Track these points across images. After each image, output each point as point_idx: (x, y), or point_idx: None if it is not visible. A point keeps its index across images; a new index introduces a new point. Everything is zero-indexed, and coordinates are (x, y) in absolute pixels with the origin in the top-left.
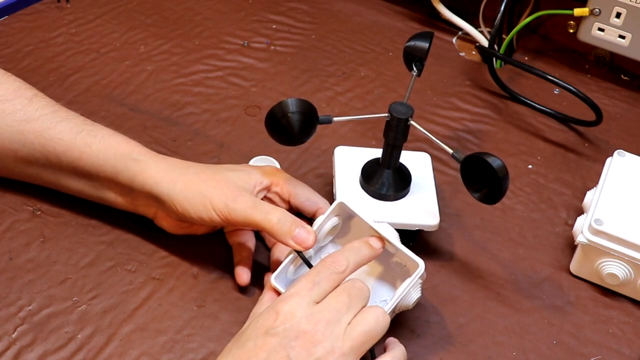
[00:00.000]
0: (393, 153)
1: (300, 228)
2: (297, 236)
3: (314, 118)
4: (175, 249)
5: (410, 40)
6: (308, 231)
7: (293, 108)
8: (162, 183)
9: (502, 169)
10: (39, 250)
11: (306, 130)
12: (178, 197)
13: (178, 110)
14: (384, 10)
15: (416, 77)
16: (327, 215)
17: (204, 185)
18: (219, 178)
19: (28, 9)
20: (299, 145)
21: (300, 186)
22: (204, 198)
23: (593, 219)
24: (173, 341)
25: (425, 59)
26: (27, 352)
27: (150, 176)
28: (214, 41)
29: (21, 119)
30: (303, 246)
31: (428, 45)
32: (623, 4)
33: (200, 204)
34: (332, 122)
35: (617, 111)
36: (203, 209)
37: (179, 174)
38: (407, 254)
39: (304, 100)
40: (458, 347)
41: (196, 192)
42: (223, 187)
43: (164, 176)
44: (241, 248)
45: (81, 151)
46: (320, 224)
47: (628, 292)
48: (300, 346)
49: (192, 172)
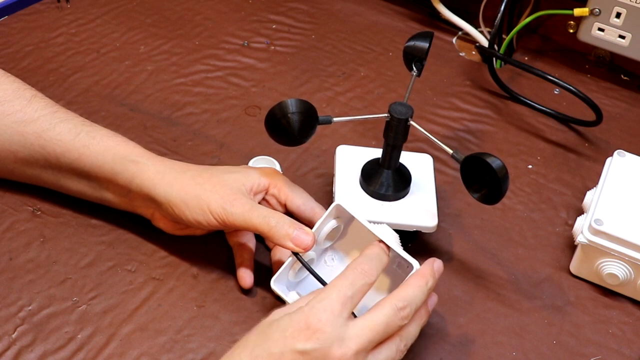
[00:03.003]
0: (393, 153)
1: (299, 230)
2: (296, 238)
3: (314, 118)
4: (175, 249)
5: (410, 40)
6: (307, 233)
7: (293, 108)
8: (160, 186)
9: (502, 169)
10: (39, 250)
11: (306, 130)
12: (175, 200)
13: (178, 110)
14: (384, 10)
15: (416, 77)
16: (325, 218)
17: (201, 188)
18: (216, 181)
19: (28, 9)
20: (299, 145)
21: (298, 190)
22: (201, 202)
23: (593, 219)
24: (173, 341)
25: (425, 59)
26: (27, 352)
27: (148, 178)
28: (214, 41)
29: (20, 120)
30: (302, 247)
31: (428, 46)
32: (623, 4)
33: (198, 207)
34: (332, 122)
35: (617, 111)
36: (200, 213)
37: (176, 177)
38: (402, 255)
39: (304, 100)
40: (458, 347)
41: (193, 196)
42: (220, 191)
43: (161, 179)
44: (242, 249)
45: (80, 152)
46: (319, 226)
47: (628, 292)
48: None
49: (189, 175)
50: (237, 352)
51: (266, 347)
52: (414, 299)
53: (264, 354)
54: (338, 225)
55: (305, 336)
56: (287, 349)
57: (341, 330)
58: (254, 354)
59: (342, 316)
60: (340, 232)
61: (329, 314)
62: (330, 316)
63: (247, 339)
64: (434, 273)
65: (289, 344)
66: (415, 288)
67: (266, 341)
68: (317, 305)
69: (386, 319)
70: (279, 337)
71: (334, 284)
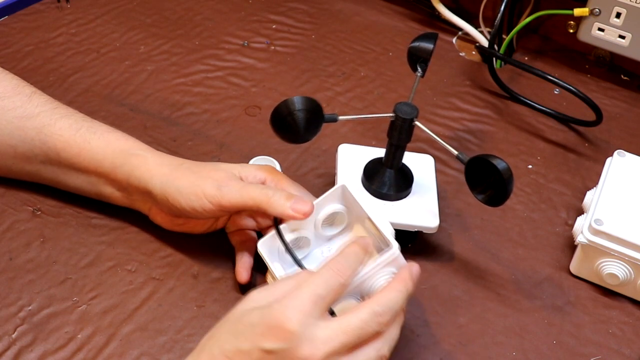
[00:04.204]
0: (396, 153)
1: (297, 198)
2: (296, 204)
3: (320, 116)
4: (175, 249)
5: (414, 41)
6: (305, 201)
7: (299, 106)
8: (156, 177)
9: (507, 171)
10: (39, 250)
11: (311, 128)
12: (170, 189)
13: (178, 110)
14: (384, 10)
15: (420, 77)
16: (327, 196)
17: (196, 175)
18: (211, 168)
19: (28, 9)
20: (304, 143)
21: (295, 186)
22: (196, 187)
23: (593, 219)
24: (173, 341)
25: (429, 60)
26: (27, 352)
27: (146, 170)
28: (214, 41)
29: (21, 115)
30: (302, 213)
31: (432, 47)
32: (623, 4)
33: (193, 193)
34: (338, 120)
35: (617, 111)
36: (195, 199)
37: (172, 169)
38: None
39: (310, 98)
40: (458, 347)
41: (187, 183)
42: (215, 175)
43: (158, 171)
44: (243, 248)
45: (80, 147)
46: (320, 202)
47: (628, 292)
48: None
49: (185, 167)
50: (209, 344)
51: (236, 344)
52: (394, 304)
53: (233, 350)
54: (341, 214)
55: (273, 335)
56: (255, 346)
57: (311, 330)
58: (224, 349)
59: (312, 316)
60: (344, 224)
61: (299, 314)
62: (301, 315)
63: (219, 331)
64: (412, 277)
65: (257, 341)
66: (397, 292)
67: (237, 337)
68: (288, 303)
69: (362, 323)
70: (249, 334)
71: (308, 281)
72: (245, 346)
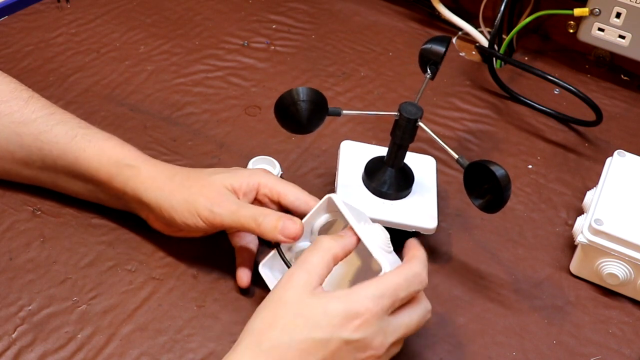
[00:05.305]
0: (398, 152)
1: (286, 220)
2: (284, 229)
3: (324, 108)
4: (175, 249)
5: (427, 43)
6: (294, 221)
7: (303, 96)
8: (150, 190)
9: (505, 179)
10: (39, 250)
11: (315, 119)
12: (164, 204)
13: (178, 110)
14: (384, 10)
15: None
16: (316, 210)
17: (188, 192)
18: (203, 183)
19: (28, 9)
20: (306, 134)
21: (289, 186)
22: (189, 205)
23: (593, 219)
24: (173, 341)
25: (440, 62)
26: (27, 352)
27: (140, 182)
28: (214, 41)
29: (18, 120)
30: (292, 237)
31: (444, 50)
32: (623, 4)
33: (186, 210)
34: (342, 114)
35: (617, 111)
36: (189, 216)
37: (165, 182)
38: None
39: (315, 89)
40: (458, 347)
41: (181, 200)
42: (207, 193)
43: (151, 184)
44: (243, 250)
45: (76, 155)
46: (310, 216)
47: (628, 292)
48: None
49: (177, 180)
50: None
51: (310, 333)
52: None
53: (308, 340)
54: (336, 220)
55: (354, 326)
56: (333, 336)
57: (384, 323)
58: (296, 338)
59: (387, 311)
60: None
61: (378, 307)
62: (379, 309)
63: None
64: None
65: (337, 332)
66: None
67: (311, 326)
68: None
69: (420, 319)
70: (326, 324)
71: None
72: (322, 335)
